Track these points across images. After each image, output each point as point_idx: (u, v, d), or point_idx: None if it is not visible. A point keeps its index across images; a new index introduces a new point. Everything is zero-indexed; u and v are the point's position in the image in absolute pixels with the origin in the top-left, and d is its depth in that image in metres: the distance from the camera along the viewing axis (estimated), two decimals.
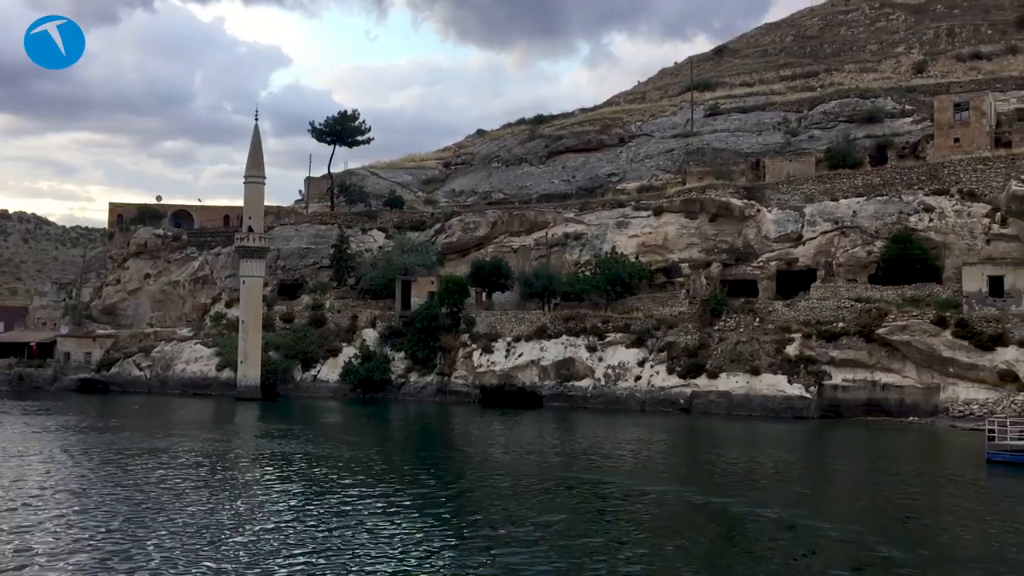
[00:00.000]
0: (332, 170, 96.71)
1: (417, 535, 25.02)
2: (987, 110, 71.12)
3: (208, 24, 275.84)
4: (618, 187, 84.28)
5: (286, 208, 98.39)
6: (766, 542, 24.88)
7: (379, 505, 29.11)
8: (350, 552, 23.08)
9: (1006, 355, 53.65)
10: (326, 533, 25.15)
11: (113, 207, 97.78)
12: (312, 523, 26.36)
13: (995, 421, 39.82)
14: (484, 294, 76.91)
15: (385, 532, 25.34)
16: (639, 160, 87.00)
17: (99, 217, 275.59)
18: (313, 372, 76.20)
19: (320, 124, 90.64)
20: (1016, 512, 29.28)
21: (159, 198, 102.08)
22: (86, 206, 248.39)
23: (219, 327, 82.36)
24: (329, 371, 75.60)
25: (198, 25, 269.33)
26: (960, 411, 53.24)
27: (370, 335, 76.38)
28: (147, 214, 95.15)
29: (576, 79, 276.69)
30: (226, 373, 75.76)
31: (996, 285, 56.45)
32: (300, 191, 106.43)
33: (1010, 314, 55.12)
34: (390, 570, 21.62)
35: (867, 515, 28.35)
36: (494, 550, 23.17)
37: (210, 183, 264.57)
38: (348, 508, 28.57)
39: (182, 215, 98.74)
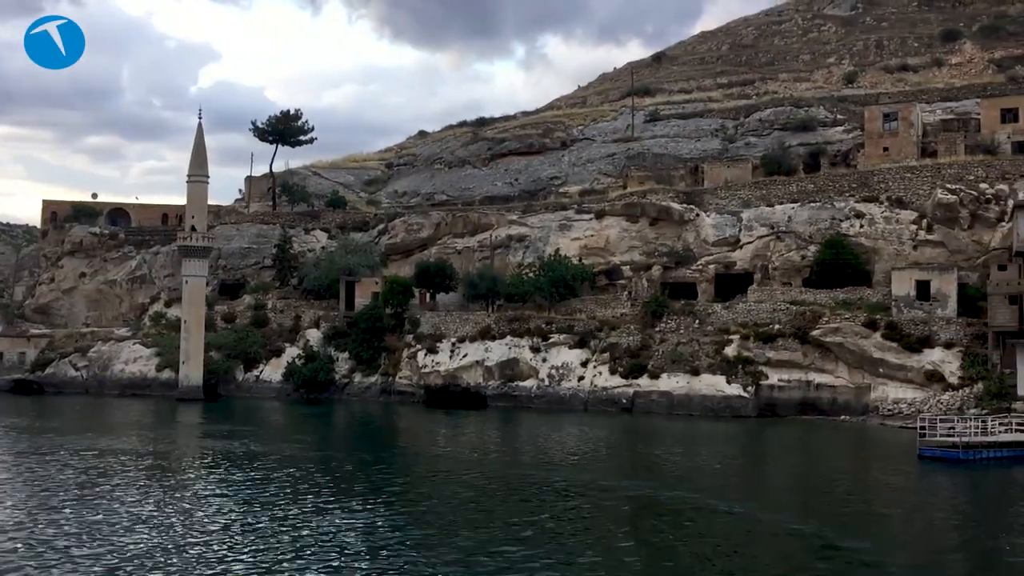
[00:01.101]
0: (273, 170, 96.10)
1: (360, 531, 25.56)
2: (915, 121, 74.20)
3: (136, 18, 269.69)
4: (560, 190, 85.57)
5: (226, 207, 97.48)
6: (704, 529, 26.32)
7: (324, 504, 29.59)
8: (293, 551, 23.48)
9: (932, 356, 56.21)
10: (271, 531, 25.63)
11: (46, 204, 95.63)
12: (256, 522, 26.79)
13: (926, 419, 41.82)
14: (428, 295, 77.47)
15: (330, 530, 25.83)
16: (581, 164, 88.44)
17: (19, 213, 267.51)
18: (255, 372, 75.85)
19: (262, 123, 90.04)
20: (945, 500, 31.24)
21: (95, 196, 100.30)
22: (4, 201, 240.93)
23: (158, 327, 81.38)
24: (272, 371, 75.32)
25: (125, 19, 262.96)
26: (889, 410, 55.58)
27: (314, 335, 76.32)
28: (82, 212, 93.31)
29: (511, 80, 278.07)
30: (166, 374, 74.95)
31: (923, 289, 59.00)
32: (240, 190, 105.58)
33: (936, 317, 57.69)
34: (334, 565, 22.18)
35: (808, 505, 30.03)
36: (439, 547, 23.86)
37: (138, 180, 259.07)
38: (293, 507, 28.97)
39: (119, 213, 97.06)
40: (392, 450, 46.36)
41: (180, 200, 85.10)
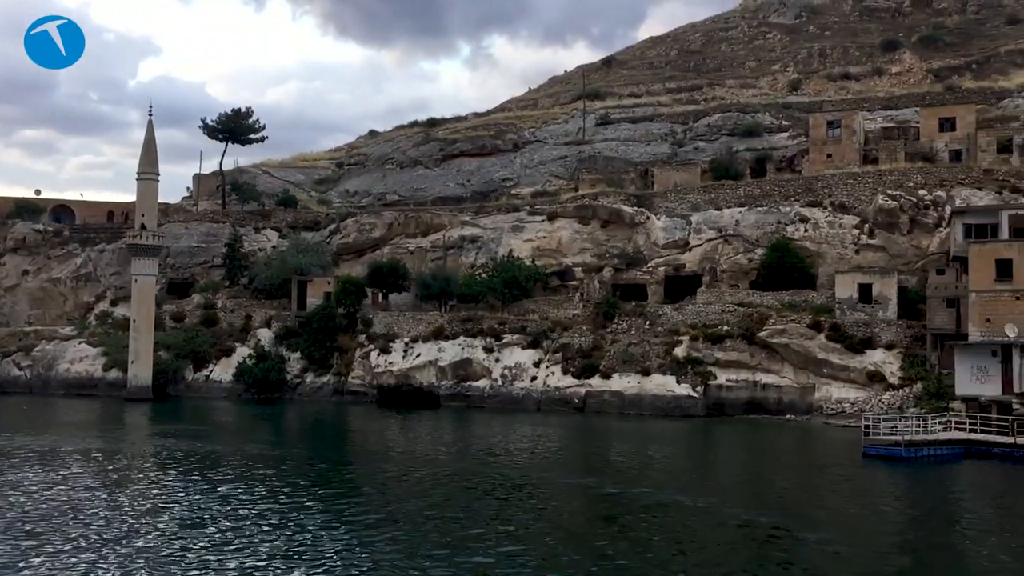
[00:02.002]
0: (219, 167, 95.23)
1: (309, 529, 25.97)
2: (857, 128, 76.43)
3: (73, 10, 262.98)
4: (513, 192, 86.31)
5: (174, 205, 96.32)
6: (665, 522, 27.40)
7: (272, 502, 29.91)
8: (244, 546, 23.87)
9: (874, 357, 58.10)
10: (219, 528, 25.99)
11: None
12: (205, 519, 27.11)
13: (870, 418, 43.33)
14: (381, 295, 77.60)
15: (280, 527, 26.20)
16: (533, 166, 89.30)
17: None
18: (205, 372, 75.21)
19: (212, 120, 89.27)
20: (889, 495, 32.69)
21: (38, 192, 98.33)
22: None
23: (104, 326, 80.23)
24: (222, 371, 74.77)
25: (62, 11, 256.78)
26: (833, 409, 57.30)
27: (265, 335, 75.96)
28: (25, 208, 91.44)
29: (458, 80, 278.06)
30: (113, 373, 73.93)
31: (865, 292, 60.91)
32: (188, 188, 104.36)
33: (877, 319, 59.63)
34: (280, 560, 22.59)
35: (762, 499, 31.16)
36: (385, 542, 24.38)
37: (74, 174, 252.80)
38: (242, 505, 29.30)
39: (62, 210, 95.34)
40: (347, 449, 46.72)
41: (120, 196, 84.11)
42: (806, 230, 68.44)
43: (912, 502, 32.22)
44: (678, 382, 61.48)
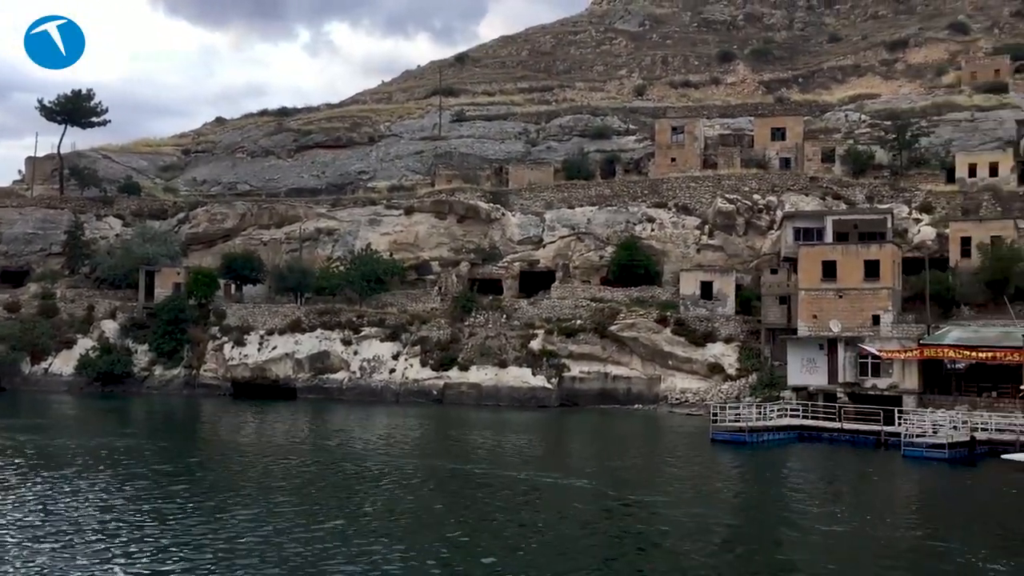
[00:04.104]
0: (58, 151, 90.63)
1: (151, 520, 26.45)
2: (698, 134, 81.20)
3: None
4: (369, 185, 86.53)
5: (4, 189, 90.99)
6: (510, 497, 29.75)
7: (113, 496, 30.07)
8: (82, 541, 24.14)
9: (714, 350, 62.30)
10: (58, 524, 26.02)
11: None
12: (41, 516, 27.03)
13: (716, 407, 46.85)
14: (234, 287, 76.38)
15: (121, 520, 26.50)
16: (389, 160, 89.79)
17: None
18: (44, 365, 71.86)
19: (50, 102, 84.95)
20: (733, 471, 36.27)
21: None
22: None
23: None
24: (63, 364, 71.70)
25: None
26: (677, 399, 61.10)
27: (110, 327, 73.27)
28: None
29: (296, 65, 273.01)
30: None
31: (706, 289, 65.13)
32: (20, 171, 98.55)
33: (717, 315, 63.93)
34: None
35: (624, 478, 33.62)
36: (235, 534, 25.12)
37: None
38: (81, 500, 29.32)
39: None
40: (196, 442, 46.45)
41: None
42: (652, 230, 72.34)
43: (754, 477, 35.92)
44: (534, 374, 63.84)
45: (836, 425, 46.01)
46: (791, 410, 47.78)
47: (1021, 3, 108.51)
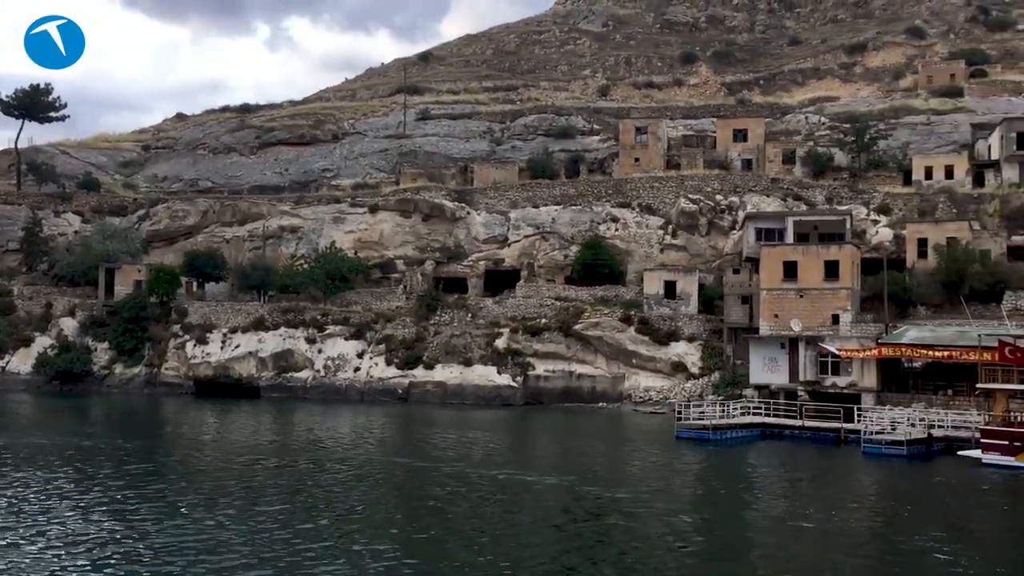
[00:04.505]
0: (15, 146, 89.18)
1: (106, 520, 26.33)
2: (662, 135, 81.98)
3: None
4: (333, 183, 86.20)
5: None
6: (474, 493, 30.27)
7: (65, 495, 29.88)
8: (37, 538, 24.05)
9: (677, 349, 62.96)
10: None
11: None
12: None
13: (681, 405, 47.45)
14: (196, 284, 75.72)
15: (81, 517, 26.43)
16: (353, 158, 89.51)
17: None
18: (1, 363, 70.81)
19: (8, 96, 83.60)
20: (698, 466, 37.02)
21: None
22: None
23: None
24: (20, 362, 70.74)
25: None
26: (641, 397, 61.69)
27: (68, 324, 72.28)
28: None
29: (257, 61, 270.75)
30: None
31: (670, 288, 65.77)
32: None
33: (681, 314, 64.59)
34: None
35: (595, 474, 34.05)
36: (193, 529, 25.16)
37: None
38: (31, 497, 29.12)
39: None
40: (156, 440, 45.92)
41: None
42: (616, 229, 72.91)
43: (718, 473, 36.55)
44: (499, 372, 64.07)
45: (798, 423, 46.81)
46: (753, 408, 48.52)
47: (976, 9, 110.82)
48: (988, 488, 33.01)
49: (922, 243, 61.01)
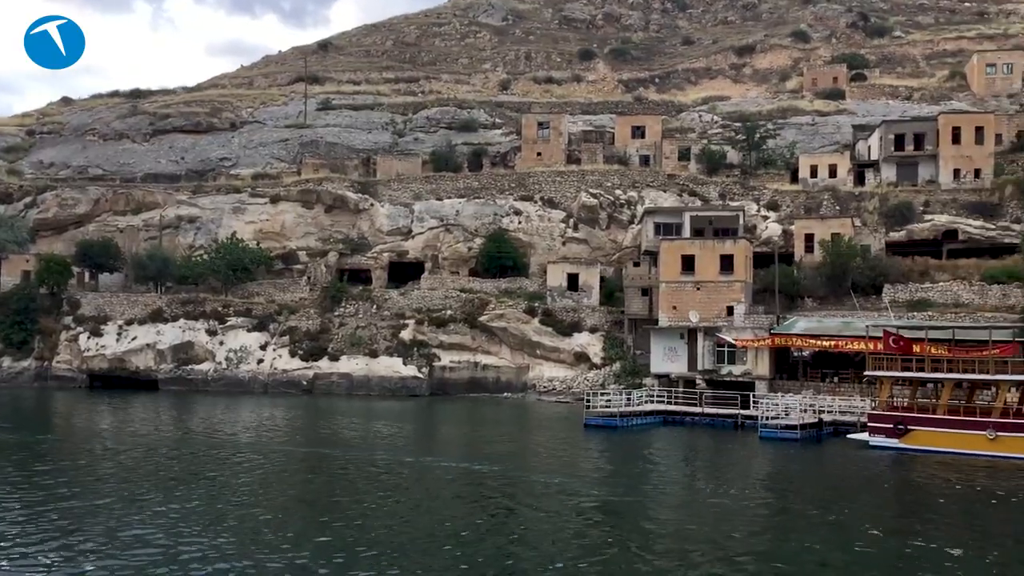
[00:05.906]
0: None
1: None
2: (563, 130, 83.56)
3: None
4: (232, 172, 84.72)
5: None
6: (380, 479, 31.11)
7: None
8: None
9: (580, 340, 64.70)
10: None
11: None
12: None
13: (589, 394, 48.99)
14: (89, 275, 73.46)
15: None
16: (252, 147, 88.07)
17: None
18: None
19: None
20: (606, 450, 38.54)
21: None
22: None
23: None
24: None
25: None
26: (545, 387, 63.18)
27: None
28: None
29: (136, 40, 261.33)
30: None
31: (573, 281, 67.49)
32: None
33: (583, 306, 66.37)
34: None
35: (495, 459, 35.10)
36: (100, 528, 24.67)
37: None
38: None
39: None
40: (46, 433, 44.66)
41: None
42: (520, 222, 74.18)
43: (626, 456, 38.20)
44: (404, 364, 64.61)
45: (697, 409, 48.99)
46: (656, 396, 50.48)
47: (856, 16, 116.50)
48: (874, 466, 35.51)
49: (809, 238, 64.23)
